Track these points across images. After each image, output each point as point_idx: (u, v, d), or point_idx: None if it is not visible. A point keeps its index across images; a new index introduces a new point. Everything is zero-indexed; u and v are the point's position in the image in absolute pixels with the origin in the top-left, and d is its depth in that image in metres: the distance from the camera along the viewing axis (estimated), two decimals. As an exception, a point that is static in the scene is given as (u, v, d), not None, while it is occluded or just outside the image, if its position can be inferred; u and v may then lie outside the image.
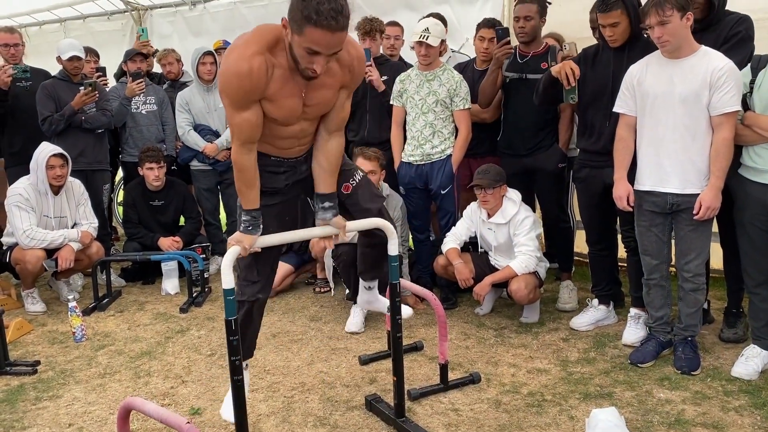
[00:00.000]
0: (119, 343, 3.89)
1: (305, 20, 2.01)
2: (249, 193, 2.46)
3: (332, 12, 2.00)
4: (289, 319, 4.17)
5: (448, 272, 4.07)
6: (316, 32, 2.02)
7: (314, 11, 1.99)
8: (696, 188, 3.11)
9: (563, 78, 3.55)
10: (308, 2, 2.00)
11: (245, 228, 2.45)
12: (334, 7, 2.00)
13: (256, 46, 2.18)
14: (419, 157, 4.25)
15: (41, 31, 7.90)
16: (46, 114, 4.75)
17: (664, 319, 3.41)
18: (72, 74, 4.91)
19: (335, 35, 2.05)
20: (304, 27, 2.03)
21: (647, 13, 2.98)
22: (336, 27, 2.02)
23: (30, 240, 4.27)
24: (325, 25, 2.01)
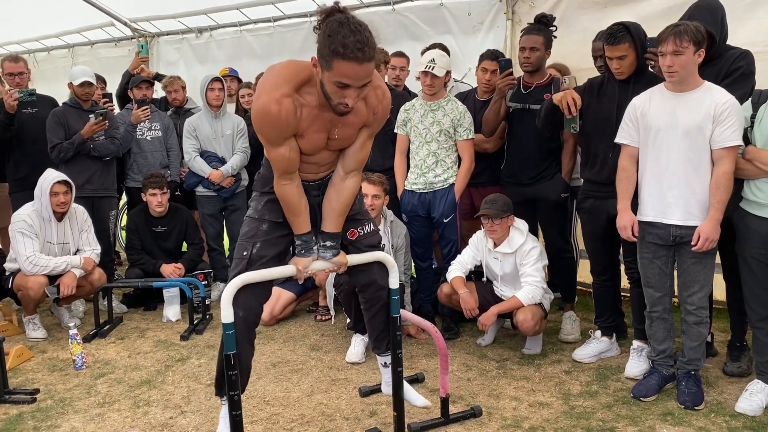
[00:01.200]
0: (119, 371, 3.87)
1: (333, 54, 2.10)
2: (296, 220, 2.55)
3: (358, 44, 2.08)
4: (290, 348, 4.15)
5: (452, 301, 4.06)
6: (344, 65, 2.11)
7: (341, 45, 2.08)
8: (698, 221, 3.11)
9: (564, 107, 3.58)
10: (334, 37, 2.09)
11: (298, 252, 2.58)
12: (360, 39, 2.09)
13: (285, 87, 2.27)
14: (422, 185, 4.26)
15: (50, 57, 8.02)
16: (56, 141, 4.79)
17: (667, 353, 3.39)
18: (82, 100, 4.96)
19: (363, 66, 2.13)
20: (333, 61, 2.11)
21: (664, 40, 3.00)
22: (363, 58, 2.11)
23: (33, 266, 4.27)
24: (352, 57, 2.09)
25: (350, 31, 2.08)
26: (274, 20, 6.37)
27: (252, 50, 6.58)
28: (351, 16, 2.14)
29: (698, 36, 2.97)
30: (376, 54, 2.18)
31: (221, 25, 6.74)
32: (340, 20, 2.11)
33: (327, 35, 2.11)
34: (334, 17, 2.13)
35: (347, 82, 2.16)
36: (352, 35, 2.08)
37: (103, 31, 7.33)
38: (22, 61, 5.20)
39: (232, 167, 5.17)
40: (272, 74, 2.34)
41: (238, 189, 5.28)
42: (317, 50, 2.17)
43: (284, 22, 6.34)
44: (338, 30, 2.09)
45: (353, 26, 2.10)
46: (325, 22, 2.15)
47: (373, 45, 2.15)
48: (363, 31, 2.11)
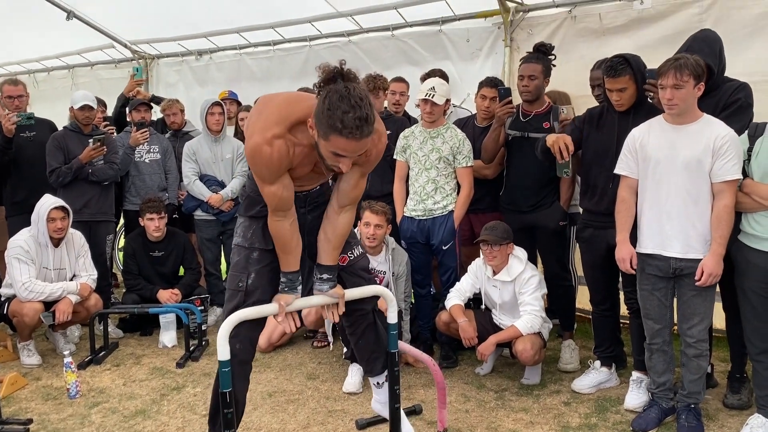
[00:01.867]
0: (114, 400, 3.83)
1: (331, 129, 2.06)
2: (285, 257, 2.53)
3: (357, 121, 2.04)
4: (286, 377, 4.12)
5: (451, 329, 4.03)
6: (341, 140, 2.08)
7: (339, 121, 2.04)
8: (698, 253, 3.10)
9: (556, 152, 3.58)
10: (334, 112, 2.04)
11: (281, 288, 2.55)
12: (359, 116, 2.04)
13: (278, 128, 2.25)
14: (421, 212, 4.25)
15: (49, 77, 8.05)
16: (55, 165, 4.79)
17: (667, 385, 3.36)
18: (83, 124, 4.95)
19: (360, 142, 2.10)
20: (330, 134, 2.08)
21: (664, 74, 3.01)
22: (361, 136, 2.08)
23: (29, 293, 4.24)
24: (350, 135, 2.06)
25: (350, 106, 2.03)
26: (273, 44, 6.41)
27: (252, 73, 6.61)
28: (353, 88, 2.08)
29: (698, 70, 2.98)
30: (375, 127, 2.14)
31: (221, 48, 6.78)
32: (340, 93, 2.05)
33: (326, 108, 2.06)
34: (335, 87, 2.08)
35: (343, 154, 2.14)
36: (352, 111, 2.03)
37: (104, 52, 7.37)
38: (22, 84, 5.21)
39: (232, 191, 5.16)
40: (266, 112, 2.32)
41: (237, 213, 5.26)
42: (315, 114, 2.12)
43: (284, 45, 6.38)
44: (338, 104, 2.04)
45: (354, 101, 2.05)
46: (326, 90, 2.10)
47: (373, 120, 2.10)
48: (363, 106, 2.06)
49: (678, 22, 4.39)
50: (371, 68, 5.33)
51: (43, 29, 6.87)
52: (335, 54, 6.05)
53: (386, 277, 4.19)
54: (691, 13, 4.36)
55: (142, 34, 6.92)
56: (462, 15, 5.31)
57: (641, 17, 4.54)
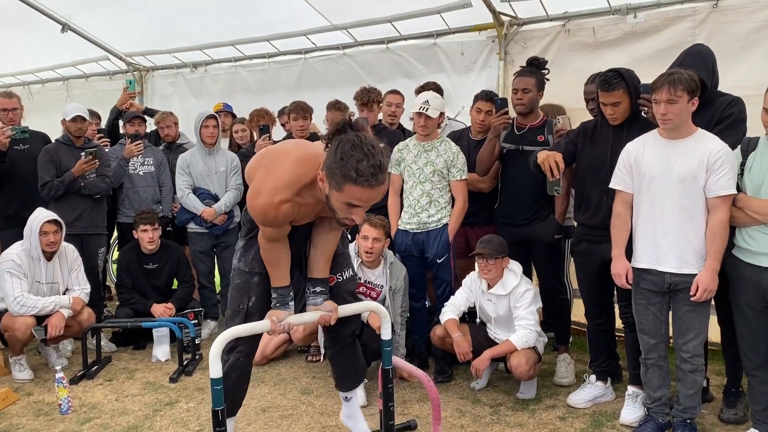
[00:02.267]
0: (106, 415, 3.79)
1: (345, 179, 2.01)
2: (275, 272, 2.53)
3: (372, 169, 1.99)
4: (280, 392, 4.09)
5: (446, 344, 4.01)
6: (357, 190, 2.02)
7: (354, 170, 1.99)
8: (693, 268, 3.10)
9: (546, 170, 3.58)
10: (347, 161, 1.99)
11: (274, 305, 2.54)
12: (374, 164, 1.99)
13: (286, 193, 2.23)
14: (416, 225, 4.25)
15: (44, 89, 8.03)
16: (47, 179, 4.76)
17: (663, 400, 3.35)
18: (75, 137, 4.93)
19: (375, 190, 2.05)
20: (344, 185, 2.03)
21: (658, 89, 3.01)
22: (376, 183, 2.03)
23: (20, 307, 4.21)
24: (365, 183, 2.01)
25: (364, 154, 1.99)
26: (268, 56, 6.42)
27: (247, 85, 6.62)
28: (364, 137, 2.04)
29: (692, 85, 2.99)
30: (387, 174, 2.11)
31: (216, 60, 6.78)
32: (353, 142, 2.01)
33: (339, 158, 2.00)
34: (347, 137, 2.03)
35: (357, 204, 2.08)
36: (366, 159, 1.98)
37: (98, 64, 7.36)
38: (16, 97, 5.19)
39: (225, 204, 5.15)
40: (277, 173, 2.27)
41: (231, 226, 5.25)
42: (326, 167, 2.06)
43: (279, 58, 6.39)
44: (351, 153, 1.99)
45: (367, 149, 2.00)
46: (336, 140, 2.05)
47: (386, 167, 2.06)
48: (377, 154, 2.02)
49: (671, 36, 4.42)
50: (366, 81, 5.34)
51: (38, 41, 6.86)
52: (330, 67, 6.08)
53: (383, 291, 4.17)
54: (684, 27, 4.39)
55: (137, 46, 6.92)
56: (456, 28, 5.34)
57: (635, 31, 4.57)
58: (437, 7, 5.14)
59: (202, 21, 6.13)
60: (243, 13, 5.85)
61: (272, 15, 5.80)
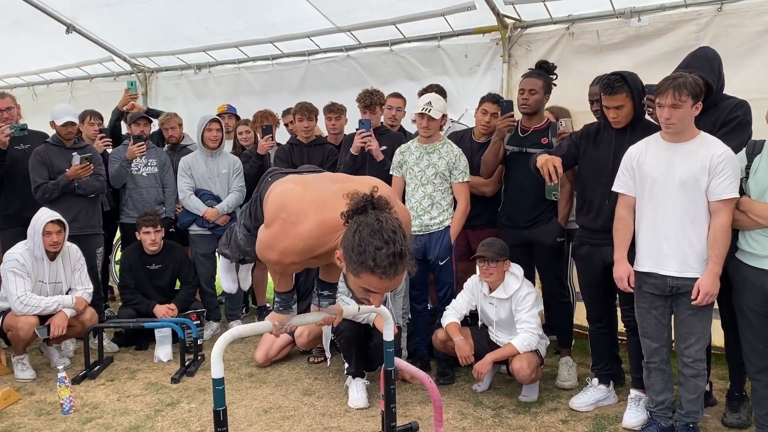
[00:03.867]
0: (107, 416, 3.79)
1: (362, 267, 1.89)
2: (278, 277, 2.51)
3: (391, 258, 1.86)
4: (282, 393, 4.08)
5: (447, 347, 4.01)
6: (373, 279, 1.90)
7: (372, 259, 1.86)
8: (695, 272, 3.09)
9: (545, 174, 3.58)
10: (365, 248, 1.86)
11: (276, 308, 2.53)
12: (394, 251, 1.85)
13: (298, 257, 2.19)
14: (417, 227, 4.24)
15: (48, 90, 8.06)
16: (40, 181, 4.73)
17: (665, 404, 3.34)
18: (65, 139, 4.91)
19: (394, 280, 1.92)
20: (361, 273, 1.91)
21: (662, 92, 3.01)
22: (396, 273, 1.89)
23: (24, 306, 4.22)
24: (382, 274, 1.88)
25: (383, 242, 1.85)
26: (272, 58, 6.43)
27: (250, 87, 6.63)
28: (385, 219, 1.88)
29: (696, 89, 2.98)
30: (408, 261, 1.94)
31: (220, 62, 6.79)
32: (372, 227, 1.87)
33: (357, 243, 1.88)
34: (366, 220, 1.90)
35: (375, 290, 1.96)
36: (385, 247, 1.84)
37: (103, 65, 7.38)
38: (9, 96, 5.19)
39: (228, 205, 5.15)
40: (293, 237, 2.14)
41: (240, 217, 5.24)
42: (344, 247, 1.94)
43: (282, 60, 6.39)
44: (369, 240, 1.86)
45: (387, 235, 1.86)
46: (355, 222, 1.93)
47: (407, 253, 1.90)
48: (397, 240, 1.87)
49: (675, 40, 4.41)
50: (369, 83, 5.34)
51: (43, 42, 6.88)
52: (334, 69, 6.08)
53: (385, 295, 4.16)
54: (688, 31, 4.38)
55: (141, 47, 6.93)
56: (460, 31, 5.33)
57: (639, 34, 4.56)
58: (441, 9, 5.14)
59: (205, 23, 6.13)
60: (247, 15, 5.86)
61: (276, 17, 5.81)
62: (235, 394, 4.04)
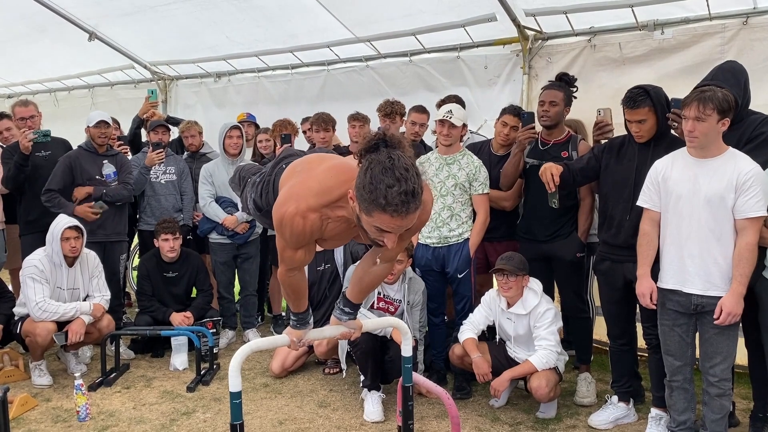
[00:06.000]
0: (123, 424, 3.79)
1: (373, 205, 1.85)
2: (297, 302, 2.48)
3: (403, 196, 1.81)
4: (297, 404, 4.06)
5: (465, 363, 3.96)
6: (385, 217, 1.86)
7: (383, 197, 1.82)
8: (720, 291, 3.03)
9: (545, 182, 3.55)
10: (377, 186, 1.83)
11: (293, 325, 2.50)
12: (405, 189, 1.81)
13: (314, 200, 2.09)
14: (436, 239, 4.21)
15: (70, 96, 8.14)
16: (53, 188, 4.78)
17: (688, 424, 3.27)
18: (98, 144, 4.97)
19: (406, 218, 1.88)
20: (373, 211, 1.87)
21: (687, 105, 2.96)
22: (407, 212, 1.85)
23: (42, 312, 4.24)
24: (394, 212, 1.83)
25: (395, 179, 1.81)
26: (291, 67, 6.44)
27: (269, 96, 6.64)
28: (397, 157, 1.85)
29: (725, 105, 2.91)
30: (422, 198, 1.91)
31: (239, 71, 6.82)
32: (384, 164, 1.83)
33: (368, 181, 1.84)
34: (378, 157, 1.86)
35: (387, 230, 1.92)
36: (397, 185, 1.80)
37: (123, 73, 7.45)
38: (33, 105, 5.27)
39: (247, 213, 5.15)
40: (306, 182, 2.13)
41: (252, 236, 5.26)
42: (356, 187, 1.90)
43: (302, 69, 6.40)
44: (381, 178, 1.82)
45: (399, 173, 1.82)
46: (367, 159, 1.89)
47: (420, 192, 1.87)
48: (410, 178, 1.83)
49: (699, 53, 4.35)
50: (388, 93, 5.34)
51: (65, 49, 6.96)
52: (353, 79, 6.08)
53: (401, 306, 4.14)
54: (712, 44, 4.32)
55: (162, 55, 6.98)
56: (480, 42, 5.31)
57: (662, 47, 4.51)
58: (461, 20, 5.12)
59: (226, 31, 6.16)
60: (267, 24, 5.88)
61: (296, 27, 5.82)
62: (250, 405, 4.02)
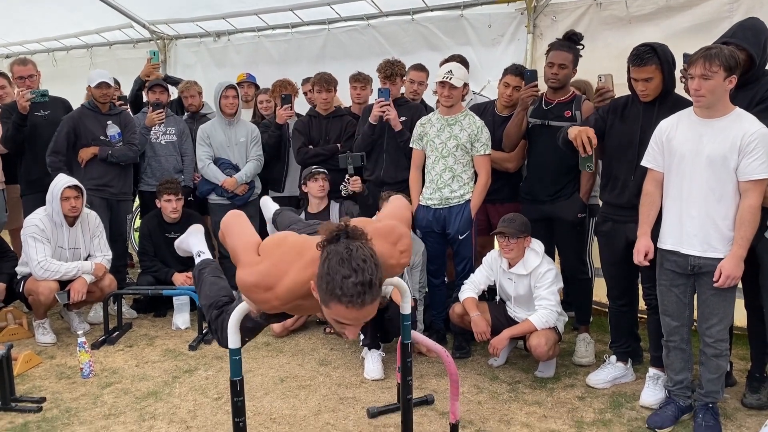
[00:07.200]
0: (126, 381, 3.84)
1: (330, 296, 1.85)
2: None
3: (358, 287, 1.82)
4: (298, 362, 4.10)
5: (464, 321, 3.98)
6: (341, 308, 1.86)
7: (338, 288, 1.82)
8: (718, 253, 3.01)
9: (579, 146, 3.48)
10: (333, 277, 1.84)
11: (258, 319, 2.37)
12: (361, 281, 1.82)
13: (283, 300, 2.07)
14: (437, 201, 4.19)
15: (68, 56, 8.05)
16: (58, 150, 4.76)
17: (684, 383, 3.30)
18: (101, 102, 4.93)
19: (362, 310, 1.86)
20: (329, 302, 1.87)
21: (693, 63, 2.91)
22: (361, 304, 1.84)
23: (44, 271, 4.26)
24: (349, 303, 1.83)
25: (352, 270, 1.81)
26: (292, 26, 6.34)
27: (270, 56, 6.56)
28: (356, 248, 1.86)
29: (731, 61, 2.85)
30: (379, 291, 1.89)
31: (239, 30, 6.72)
32: (341, 255, 1.84)
33: (326, 272, 1.85)
34: (336, 248, 1.87)
35: (345, 322, 1.91)
36: (353, 275, 1.81)
37: (122, 32, 7.35)
38: (31, 63, 5.20)
39: (246, 175, 5.13)
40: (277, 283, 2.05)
41: (252, 197, 5.24)
42: (316, 277, 1.91)
43: (302, 28, 6.31)
44: (337, 269, 1.82)
45: (356, 263, 1.82)
46: (326, 250, 1.90)
47: (378, 284, 1.86)
48: (366, 269, 1.83)
49: (707, 11, 4.26)
50: (390, 53, 5.26)
51: (62, 8, 6.85)
52: (354, 38, 5.99)
53: (401, 268, 4.14)
54: (721, 2, 4.23)
55: (160, 14, 6.87)
56: (484, 0, 5.20)
57: (669, 6, 4.41)
58: (465, -23, 5.03)
59: (225, -11, 6.07)
60: (267, -18, 5.78)
61: (297, -17, 5.73)
62: (251, 363, 4.06)
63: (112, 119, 4.95)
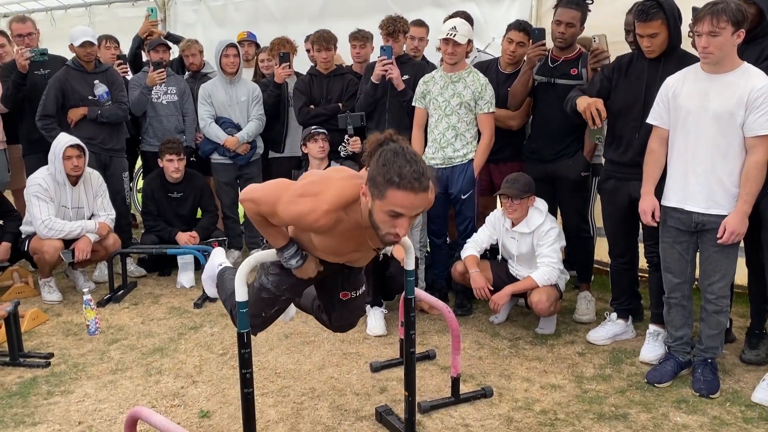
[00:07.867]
0: (132, 337, 3.89)
1: (388, 183, 2.01)
2: (274, 236, 2.44)
3: (414, 174, 2.00)
4: (302, 319, 4.13)
5: (466, 279, 4.01)
6: (399, 194, 2.01)
7: (396, 174, 2.00)
8: (722, 209, 3.02)
9: (588, 118, 3.46)
10: (390, 166, 2.01)
11: (297, 263, 2.46)
12: (416, 169, 2.01)
13: (332, 203, 2.17)
14: (440, 160, 4.18)
15: (66, 15, 7.90)
16: (48, 113, 4.70)
17: (684, 339, 3.33)
18: (85, 61, 4.85)
19: (418, 196, 2.03)
20: (386, 190, 2.02)
21: (700, 19, 2.86)
22: (419, 188, 2.02)
23: (48, 230, 4.28)
24: (408, 187, 2.00)
25: (406, 161, 2.01)
26: (293, -18, 6.23)
27: (270, 14, 6.46)
28: (406, 146, 2.07)
29: (738, 16, 2.81)
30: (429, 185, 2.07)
31: (239, -13, 6.60)
32: (394, 150, 2.04)
33: (381, 164, 2.03)
34: (388, 146, 2.06)
35: (401, 211, 2.05)
36: (408, 165, 2.00)
37: (121, -10, 7.23)
38: (30, 21, 5.14)
39: (248, 134, 5.11)
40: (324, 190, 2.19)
41: (254, 156, 5.24)
42: (369, 178, 2.08)
43: (303, -16, 6.20)
44: (393, 159, 2.01)
45: (409, 156, 2.03)
46: (378, 152, 2.08)
47: (429, 175, 2.06)
48: (419, 161, 2.04)
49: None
50: (393, 10, 5.16)
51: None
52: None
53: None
54: (730, -45, 4.13)
55: (160, -30, 6.76)
56: (489, -45, 5.11)
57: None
58: (470, -69, 4.91)
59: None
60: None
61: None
62: (256, 320, 4.11)
63: (99, 77, 4.86)
